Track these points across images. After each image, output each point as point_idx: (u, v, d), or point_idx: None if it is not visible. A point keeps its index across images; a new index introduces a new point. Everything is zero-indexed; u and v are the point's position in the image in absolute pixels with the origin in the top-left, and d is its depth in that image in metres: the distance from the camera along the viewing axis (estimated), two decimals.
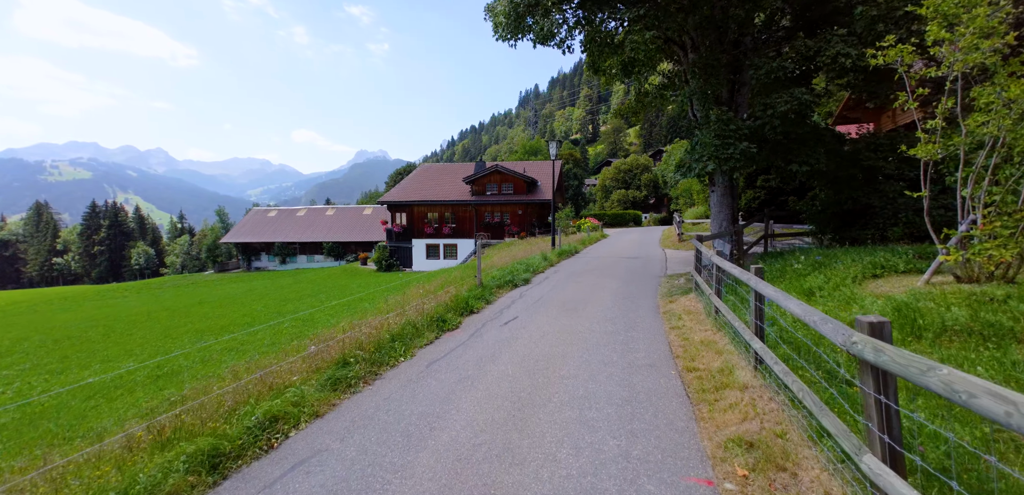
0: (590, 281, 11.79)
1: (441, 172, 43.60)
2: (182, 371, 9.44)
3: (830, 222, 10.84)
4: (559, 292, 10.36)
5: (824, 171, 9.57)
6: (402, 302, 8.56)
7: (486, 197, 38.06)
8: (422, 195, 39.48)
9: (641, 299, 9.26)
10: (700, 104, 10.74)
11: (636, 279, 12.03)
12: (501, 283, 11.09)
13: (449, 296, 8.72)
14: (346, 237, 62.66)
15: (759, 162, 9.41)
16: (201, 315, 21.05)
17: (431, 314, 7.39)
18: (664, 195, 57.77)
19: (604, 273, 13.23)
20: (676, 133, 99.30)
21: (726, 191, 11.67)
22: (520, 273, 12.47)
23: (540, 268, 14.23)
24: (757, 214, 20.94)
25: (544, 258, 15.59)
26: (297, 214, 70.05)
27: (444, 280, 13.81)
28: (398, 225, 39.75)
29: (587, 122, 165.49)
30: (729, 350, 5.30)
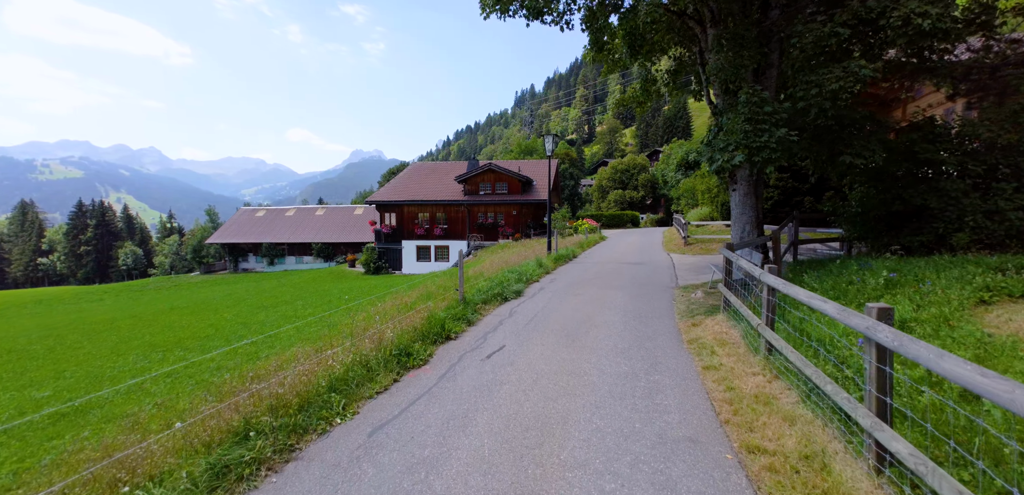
0: (592, 294, 10.15)
1: (433, 171, 41.88)
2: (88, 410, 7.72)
3: (871, 226, 9.25)
4: (556, 309, 8.71)
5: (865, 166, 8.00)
6: (362, 326, 6.90)
7: (479, 197, 36.37)
8: (412, 195, 37.74)
9: (656, 320, 7.61)
10: (721, 85, 9.12)
11: (645, 291, 10.40)
12: (488, 297, 9.42)
13: (421, 319, 7.03)
14: (336, 238, 60.90)
15: (798, 154, 7.80)
16: (165, 325, 19.27)
17: (391, 346, 5.70)
18: (661, 196, 56.41)
19: (607, 283, 11.59)
20: (672, 133, 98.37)
21: (750, 190, 10.05)
22: (511, 283, 10.80)
23: (535, 276, 12.58)
24: (770, 215, 19.38)
25: (539, 265, 13.94)
26: (286, 214, 68.17)
27: (424, 290, 12.13)
28: (387, 226, 38.00)
29: (583, 122, 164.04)
30: (805, 417, 3.65)
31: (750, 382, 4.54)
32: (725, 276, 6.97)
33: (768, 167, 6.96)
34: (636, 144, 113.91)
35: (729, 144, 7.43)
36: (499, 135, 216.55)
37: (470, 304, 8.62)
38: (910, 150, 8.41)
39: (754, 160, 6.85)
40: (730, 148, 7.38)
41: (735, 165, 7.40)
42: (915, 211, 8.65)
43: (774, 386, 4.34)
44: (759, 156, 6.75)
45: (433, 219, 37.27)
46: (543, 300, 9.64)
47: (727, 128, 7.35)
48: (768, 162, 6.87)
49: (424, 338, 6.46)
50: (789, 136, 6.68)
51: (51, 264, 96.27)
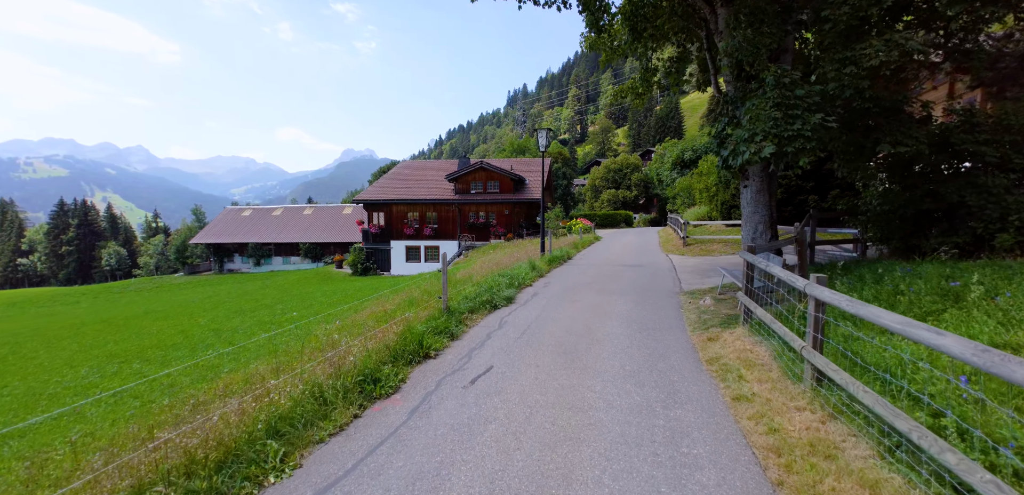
0: (591, 299, 9.22)
1: (422, 169, 40.79)
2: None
3: (897, 225, 8.42)
4: (552, 319, 7.76)
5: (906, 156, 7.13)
6: (328, 341, 5.89)
7: (470, 196, 35.37)
8: (401, 194, 36.64)
9: (665, 332, 6.69)
10: (734, 70, 8.22)
11: (648, 297, 9.49)
12: (476, 305, 8.45)
13: (396, 333, 6.04)
14: (324, 238, 59.62)
15: (836, 143, 6.91)
16: (134, 331, 18.05)
17: (354, 371, 4.71)
18: (655, 195, 55.87)
19: (606, 287, 10.67)
20: (665, 133, 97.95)
21: (763, 187, 9.17)
22: (502, 289, 9.84)
23: (527, 280, 11.62)
24: None
25: (532, 267, 12.99)
26: (273, 214, 66.71)
27: (408, 296, 11.12)
28: (375, 226, 36.86)
29: (575, 122, 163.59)
30: (894, 484, 2.72)
31: (796, 421, 3.62)
32: (745, 283, 6.06)
33: (801, 159, 6.04)
34: (628, 144, 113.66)
35: (755, 133, 6.45)
36: (491, 134, 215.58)
37: (455, 314, 7.64)
38: (945, 141, 7.58)
39: (786, 151, 5.93)
40: (757, 138, 6.40)
41: (765, 157, 6.39)
42: (948, 209, 7.83)
43: (831, 430, 3.42)
44: (792, 146, 5.84)
45: (423, 219, 36.19)
46: (537, 308, 8.68)
47: (754, 114, 6.39)
48: (801, 153, 5.97)
49: (397, 358, 5.47)
50: (826, 122, 5.78)
51: (31, 265, 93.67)
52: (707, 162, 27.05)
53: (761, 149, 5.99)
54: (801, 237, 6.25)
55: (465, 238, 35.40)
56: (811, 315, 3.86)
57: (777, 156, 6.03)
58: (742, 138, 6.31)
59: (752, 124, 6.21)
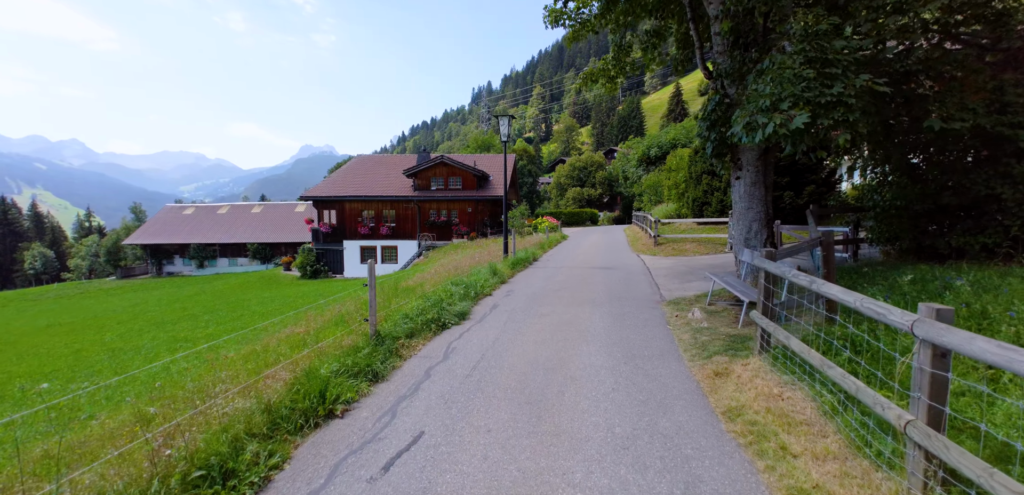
0: (561, 313, 7.65)
1: (379, 164, 38.30)
2: None
3: (909, 223, 7.30)
4: (513, 344, 6.11)
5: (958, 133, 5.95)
6: (197, 388, 4.04)
7: (431, 193, 33.30)
8: (355, 190, 34.11)
9: (658, 363, 5.18)
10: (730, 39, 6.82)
11: (627, 308, 8.01)
12: (418, 325, 6.69)
13: (285, 381, 4.22)
14: (275, 237, 55.84)
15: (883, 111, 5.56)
16: (21, 351, 15.07)
17: (190, 460, 2.90)
18: (618, 193, 55.53)
19: (577, 296, 9.14)
20: (627, 132, 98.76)
21: (758, 178, 7.87)
22: (454, 302, 8.12)
23: (486, 289, 9.93)
24: None
25: (493, 272, 11.32)
26: (218, 212, 62.08)
27: (343, 311, 9.21)
28: (326, 224, 34.17)
29: (540, 120, 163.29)
30: None
31: None
32: (761, 298, 4.63)
33: (842, 137, 4.59)
34: (592, 143, 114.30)
35: (781, 99, 4.86)
36: (456, 132, 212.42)
37: (387, 341, 5.86)
38: (974, 125, 6.44)
39: (821, 122, 4.50)
40: (784, 105, 4.79)
41: (793, 131, 4.78)
42: (974, 204, 6.73)
43: None
44: (830, 115, 4.41)
45: (379, 217, 33.82)
46: (495, 327, 7.01)
47: (778, 76, 4.84)
48: (841, 126, 4.56)
49: (279, 425, 3.66)
50: (875, 84, 4.40)
51: None
52: (676, 157, 26.21)
53: (789, 120, 4.53)
54: (828, 240, 4.88)
55: (425, 238, 33.33)
56: (925, 371, 2.37)
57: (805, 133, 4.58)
58: (761, 107, 4.83)
59: (777, 87, 4.73)
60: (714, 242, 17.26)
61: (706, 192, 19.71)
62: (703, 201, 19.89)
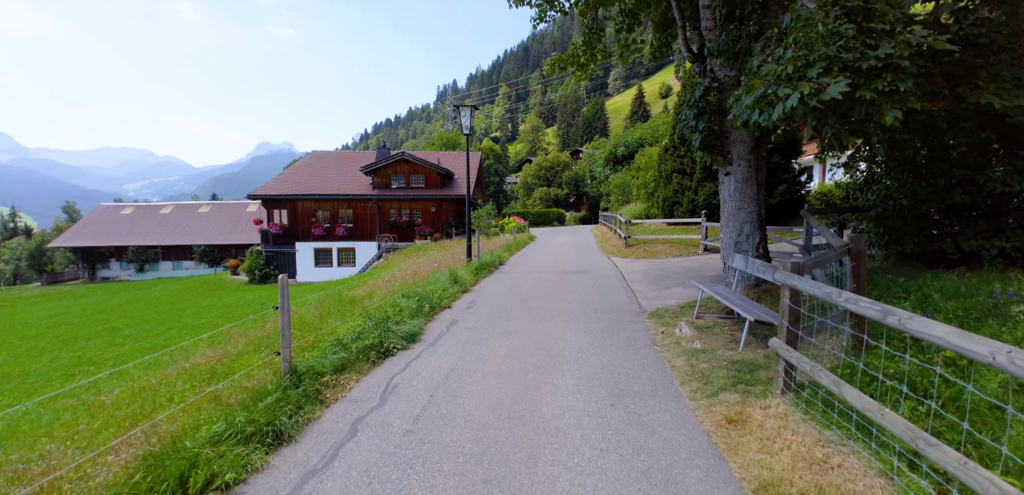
0: (530, 331, 6.49)
1: (335, 161, 36.12)
2: None
3: (913, 224, 6.58)
4: (471, 379, 4.90)
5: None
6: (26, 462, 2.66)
7: (391, 191, 31.55)
8: (309, 188, 31.91)
9: (653, 405, 4.11)
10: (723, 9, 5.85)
11: (606, 323, 6.94)
12: (354, 354, 5.36)
13: (134, 456, 2.88)
14: (224, 238, 52.33)
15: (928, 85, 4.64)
16: None
17: None
18: (584, 193, 55.32)
19: (549, 308, 8.02)
20: (592, 133, 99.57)
21: (750, 174, 6.98)
22: (404, 320, 6.81)
23: (445, 300, 8.65)
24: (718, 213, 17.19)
25: (453, 280, 10.04)
26: (161, 212, 57.78)
27: (272, 330, 7.71)
28: (277, 225, 31.81)
29: (507, 120, 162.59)
30: None
31: None
32: (786, 322, 3.61)
33: (889, 115, 3.56)
34: (558, 143, 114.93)
35: (806, 66, 3.72)
36: (421, 129, 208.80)
37: (306, 379, 4.52)
38: (990, 113, 5.72)
39: (862, 95, 3.46)
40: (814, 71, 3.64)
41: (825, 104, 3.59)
42: (987, 204, 6.04)
43: None
44: (875, 84, 3.42)
45: (335, 217, 31.76)
46: (451, 353, 5.77)
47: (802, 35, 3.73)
48: (886, 98, 3.55)
49: None
50: (937, 41, 3.47)
51: None
52: (644, 156, 25.66)
53: (821, 91, 3.50)
54: (858, 247, 3.93)
55: (385, 239, 31.55)
56: None
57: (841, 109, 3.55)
58: (781, 74, 3.79)
59: (802, 51, 3.68)
60: (686, 243, 16.62)
61: (677, 191, 19.12)
62: (674, 201, 19.30)
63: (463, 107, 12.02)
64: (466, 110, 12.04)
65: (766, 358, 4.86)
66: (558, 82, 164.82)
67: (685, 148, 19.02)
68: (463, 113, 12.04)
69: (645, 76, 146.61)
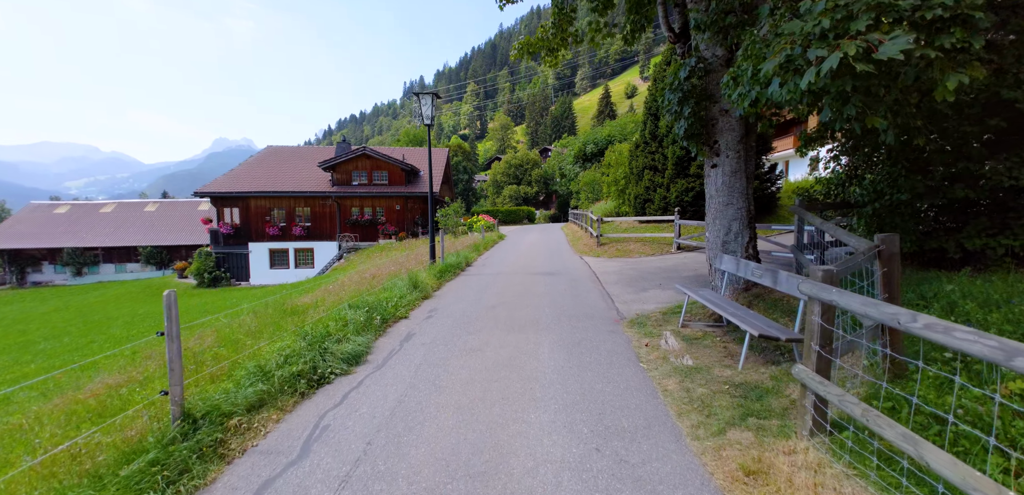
0: (497, 347, 5.60)
1: (292, 157, 34.11)
2: None
3: (912, 221, 6.08)
4: (422, 418, 3.96)
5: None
6: None
7: (352, 188, 29.97)
8: (264, 185, 29.92)
9: (648, 446, 3.30)
10: None
11: (584, 334, 6.13)
12: (277, 385, 4.31)
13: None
14: (173, 239, 49.07)
15: None
16: None
17: None
18: (554, 191, 55.03)
19: (518, 316, 7.15)
20: (560, 131, 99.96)
21: (739, 168, 6.32)
22: (347, 337, 5.78)
23: (401, 309, 7.64)
24: (691, 210, 16.82)
25: (413, 285, 9.02)
26: (101, 211, 53.70)
27: (202, 346, 6.51)
28: (227, 224, 29.68)
29: (475, 117, 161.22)
30: None
31: None
32: (815, 343, 2.87)
33: (952, 80, 2.79)
34: (527, 142, 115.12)
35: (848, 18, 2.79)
36: (388, 126, 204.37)
37: (206, 424, 3.48)
38: (997, 99, 5.24)
39: (924, 55, 2.68)
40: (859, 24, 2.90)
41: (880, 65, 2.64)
42: (992, 198, 5.58)
43: None
44: (941, 39, 2.68)
45: (291, 215, 29.91)
46: (400, 379, 4.81)
47: None
48: (954, 58, 2.83)
49: None
50: None
51: None
52: (614, 153, 25.22)
53: (871, 51, 2.69)
54: (890, 248, 3.24)
55: (346, 238, 29.95)
56: None
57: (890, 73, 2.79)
58: (811, 31, 2.98)
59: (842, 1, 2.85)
60: (659, 242, 16.14)
61: (648, 188, 18.66)
62: (645, 198, 18.84)
63: (423, 95, 10.98)
64: (426, 99, 11.01)
65: (772, 380, 4.15)
66: (526, 81, 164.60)
67: (656, 144, 18.58)
68: (423, 101, 11.00)
69: (611, 76, 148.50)
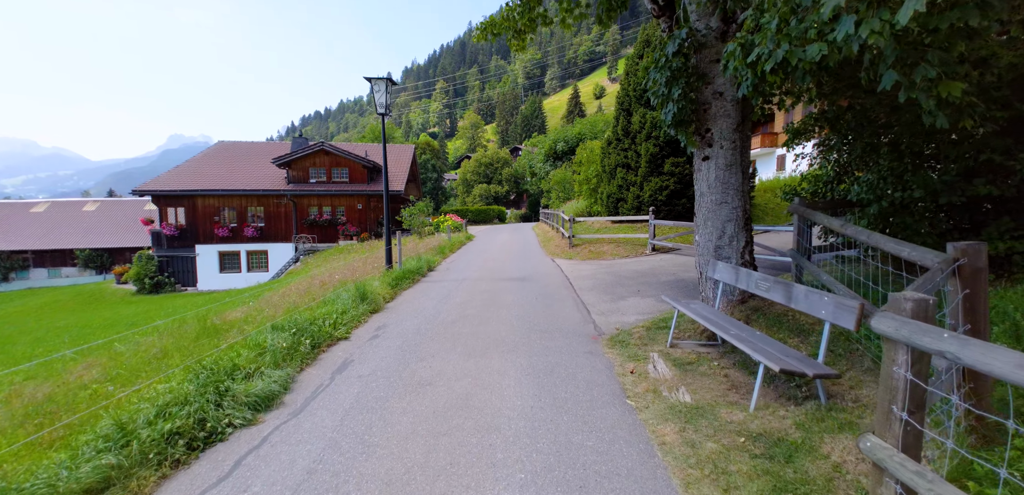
0: (453, 378, 4.53)
1: (244, 153, 31.86)
2: None
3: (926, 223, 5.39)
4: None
5: None
6: None
7: (310, 186, 28.15)
8: (212, 183, 27.71)
9: None
10: None
11: (558, 357, 5.13)
12: (134, 457, 3.11)
13: None
14: (117, 241, 45.64)
15: None
16: None
17: None
18: (524, 191, 54.25)
19: (482, 333, 6.10)
20: (530, 130, 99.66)
21: (734, 161, 5.46)
22: (261, 371, 4.59)
23: (339, 329, 6.43)
24: (664, 210, 16.17)
25: (360, 297, 7.81)
26: (32, 210, 49.45)
27: (94, 376, 5.14)
28: (172, 225, 27.33)
29: (445, 116, 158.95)
30: None
31: None
32: (903, 413, 1.97)
33: None
34: (497, 140, 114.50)
35: None
36: (354, 123, 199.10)
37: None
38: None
39: None
40: None
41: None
42: (1017, 196, 4.91)
43: None
44: None
45: (243, 215, 27.83)
46: (317, 436, 3.66)
47: None
48: None
49: None
50: None
51: None
52: (585, 150, 24.49)
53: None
54: (975, 263, 2.38)
55: (303, 239, 28.11)
56: None
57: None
58: None
59: None
60: (633, 243, 15.39)
61: (621, 187, 17.95)
62: (618, 197, 18.12)
63: (376, 81, 9.75)
64: (380, 85, 9.78)
65: (799, 429, 3.24)
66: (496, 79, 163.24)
67: (629, 141, 17.89)
68: (376, 88, 9.76)
69: (580, 76, 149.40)
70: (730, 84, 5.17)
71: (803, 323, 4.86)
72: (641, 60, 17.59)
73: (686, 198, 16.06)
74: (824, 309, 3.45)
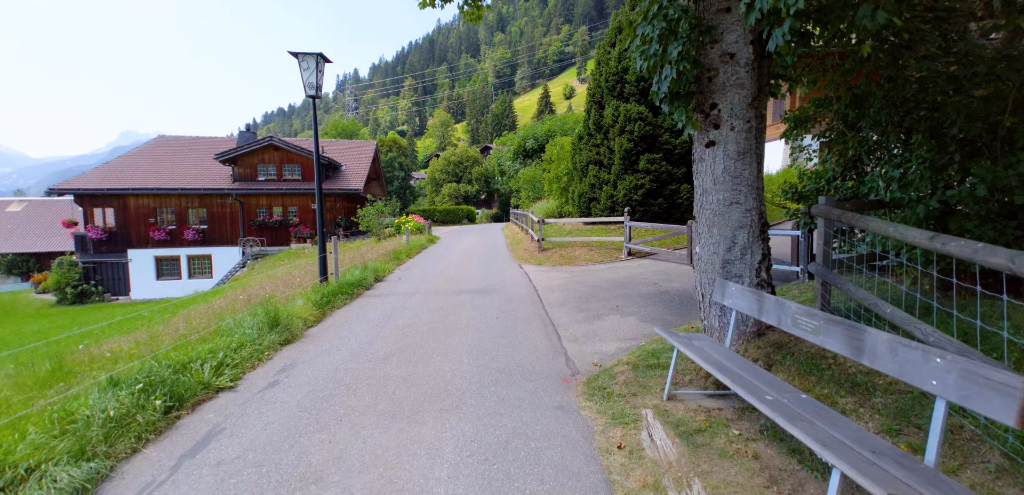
0: (351, 479, 3.02)
1: (186, 148, 29.05)
2: None
3: (992, 229, 4.24)
4: None
5: None
6: None
7: (258, 184, 25.80)
8: (147, 180, 24.99)
9: None
10: None
11: (518, 422, 3.67)
12: None
13: None
14: (45, 245, 41.57)
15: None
16: None
17: None
18: (495, 190, 52.81)
19: (419, 380, 4.57)
20: (501, 129, 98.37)
21: (748, 146, 4.12)
22: (60, 464, 2.95)
23: (223, 375, 4.78)
24: (640, 210, 14.99)
25: (270, 323, 6.13)
26: None
27: None
28: (98, 228, 24.47)
29: (414, 113, 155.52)
30: None
31: None
32: None
33: None
34: (467, 139, 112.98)
35: None
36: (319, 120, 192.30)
37: None
38: None
39: None
40: None
41: None
42: None
43: None
44: None
45: (183, 216, 25.24)
46: None
47: None
48: None
49: None
50: None
51: None
52: (555, 146, 23.20)
53: None
54: None
55: (251, 242, 25.72)
56: None
57: None
58: None
59: None
60: (607, 247, 14.14)
61: (593, 186, 16.70)
62: (591, 197, 16.87)
63: (304, 56, 8.03)
64: (309, 61, 8.06)
65: None
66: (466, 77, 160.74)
67: (602, 136, 16.63)
68: (304, 65, 8.04)
69: (550, 76, 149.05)
70: (745, 40, 3.82)
71: (852, 371, 3.55)
72: (614, 48, 16.36)
73: (663, 197, 14.92)
74: (936, 378, 2.10)
